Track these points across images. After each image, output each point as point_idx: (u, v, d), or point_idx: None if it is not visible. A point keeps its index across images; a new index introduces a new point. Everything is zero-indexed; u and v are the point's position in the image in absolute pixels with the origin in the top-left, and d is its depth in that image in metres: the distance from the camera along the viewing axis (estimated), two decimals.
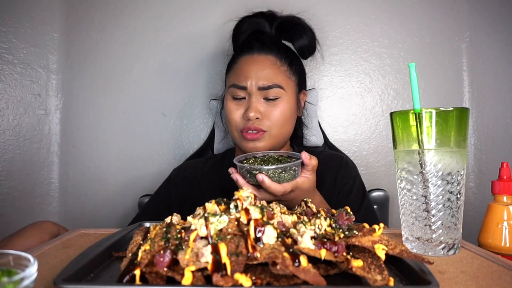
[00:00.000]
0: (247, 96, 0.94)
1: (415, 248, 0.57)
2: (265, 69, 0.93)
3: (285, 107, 0.94)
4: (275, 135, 0.94)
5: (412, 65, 0.58)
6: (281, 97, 0.93)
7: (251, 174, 0.72)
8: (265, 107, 0.93)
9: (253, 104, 0.92)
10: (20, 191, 1.30)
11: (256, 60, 0.95)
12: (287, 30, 1.06)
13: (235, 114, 0.95)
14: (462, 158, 0.56)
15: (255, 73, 0.93)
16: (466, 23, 1.38)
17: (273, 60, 0.95)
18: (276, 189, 0.71)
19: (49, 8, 1.35)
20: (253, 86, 0.92)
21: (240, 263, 0.40)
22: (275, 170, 0.71)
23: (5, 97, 1.28)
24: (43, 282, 0.44)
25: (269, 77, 0.93)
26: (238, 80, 0.94)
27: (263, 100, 0.93)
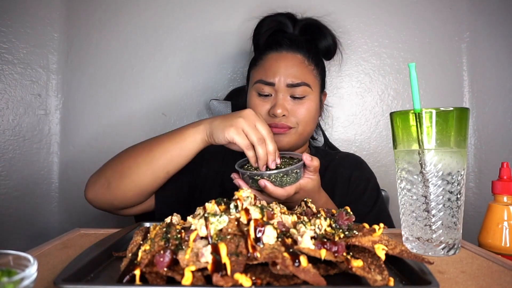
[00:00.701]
0: (274, 92, 0.93)
1: (415, 248, 0.57)
2: (294, 67, 0.93)
3: (311, 105, 0.94)
4: (300, 133, 0.94)
5: (412, 65, 0.58)
6: (307, 95, 0.93)
7: (253, 179, 0.72)
8: (292, 105, 0.93)
9: (280, 101, 0.91)
10: (20, 191, 1.30)
11: (285, 57, 0.94)
12: (310, 31, 1.06)
13: (260, 110, 0.94)
14: (462, 158, 0.56)
15: (284, 70, 0.92)
16: (466, 23, 1.38)
17: (301, 59, 0.95)
18: (279, 193, 0.71)
19: (49, 8, 1.35)
20: (281, 83, 0.92)
21: (240, 263, 0.40)
22: (277, 174, 0.71)
23: (5, 97, 1.28)
24: (43, 282, 0.44)
25: (298, 75, 0.92)
26: (266, 76, 0.93)
27: (289, 98, 0.93)
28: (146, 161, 0.80)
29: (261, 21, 1.08)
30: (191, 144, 0.79)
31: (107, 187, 0.81)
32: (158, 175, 0.80)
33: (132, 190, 0.81)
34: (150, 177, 0.80)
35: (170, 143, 0.80)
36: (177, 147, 0.79)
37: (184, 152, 0.79)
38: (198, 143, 0.78)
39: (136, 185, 0.80)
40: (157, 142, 0.82)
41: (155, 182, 0.81)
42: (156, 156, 0.80)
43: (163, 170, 0.80)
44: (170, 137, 0.81)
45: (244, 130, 0.73)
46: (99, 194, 0.82)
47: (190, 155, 0.80)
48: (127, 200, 0.83)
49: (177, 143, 0.80)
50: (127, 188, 0.80)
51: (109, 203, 0.83)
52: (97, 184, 0.83)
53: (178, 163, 0.80)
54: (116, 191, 0.81)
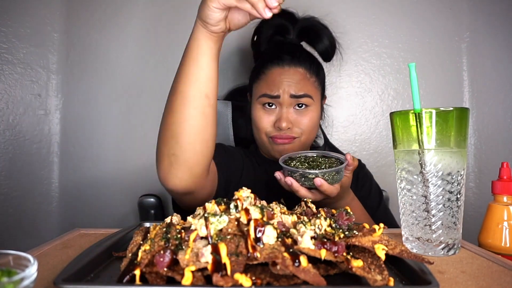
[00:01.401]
0: (278, 105, 0.97)
1: (415, 248, 0.57)
2: (297, 81, 0.96)
3: (313, 115, 0.98)
4: (304, 141, 0.99)
5: (412, 65, 0.58)
6: (310, 106, 0.97)
7: (306, 178, 0.75)
8: (295, 116, 0.97)
9: (284, 114, 0.95)
10: (20, 191, 1.30)
11: (287, 72, 0.97)
12: (308, 33, 1.08)
13: (265, 121, 0.97)
14: (462, 158, 0.56)
15: (288, 84, 0.95)
16: (466, 23, 1.38)
17: (303, 73, 0.98)
18: (333, 191, 0.75)
19: (49, 8, 1.35)
20: (286, 94, 0.95)
21: (240, 263, 0.40)
22: (330, 172, 0.75)
23: (5, 97, 1.28)
24: (43, 282, 0.44)
25: (301, 87, 0.96)
26: (270, 90, 0.96)
27: (293, 110, 0.97)
28: (183, 103, 0.71)
29: (260, 24, 1.10)
30: (195, 45, 0.70)
31: (174, 160, 0.71)
32: (201, 104, 0.70)
33: (195, 141, 0.71)
34: (197, 114, 0.70)
35: (184, 64, 0.72)
36: (190, 60, 0.71)
37: (198, 61, 0.70)
38: (200, 39, 0.70)
39: (195, 133, 0.71)
40: (178, 76, 0.74)
41: (205, 115, 0.71)
42: (184, 88, 0.71)
43: (200, 96, 0.70)
44: (181, 61, 0.73)
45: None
46: (176, 174, 0.72)
47: (205, 60, 0.70)
48: (200, 157, 0.72)
49: (188, 58, 0.71)
50: (190, 143, 0.71)
51: (190, 174, 0.73)
52: (166, 168, 0.72)
53: (204, 78, 0.70)
54: (184, 155, 0.71)
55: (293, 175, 0.76)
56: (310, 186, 0.75)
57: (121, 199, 1.36)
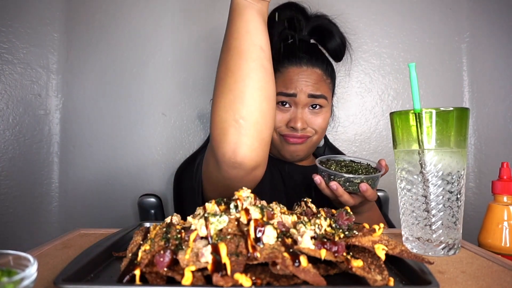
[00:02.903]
0: (294, 104, 0.95)
1: (415, 248, 0.57)
2: (314, 81, 0.95)
3: (327, 116, 0.98)
4: (315, 142, 0.99)
5: (412, 65, 0.58)
6: (324, 107, 0.97)
7: (350, 182, 0.76)
8: (309, 117, 0.96)
9: (299, 114, 0.94)
10: (20, 191, 1.30)
11: (305, 72, 0.96)
12: (320, 31, 1.06)
13: (278, 120, 0.95)
14: (462, 158, 0.56)
15: (306, 83, 0.95)
16: (466, 23, 1.38)
17: (320, 73, 0.97)
18: (375, 197, 0.77)
19: (49, 8, 1.35)
20: (303, 94, 0.94)
21: (240, 263, 0.40)
22: (373, 178, 0.77)
23: (5, 97, 1.28)
24: (43, 282, 0.44)
25: (317, 87, 0.95)
26: (286, 88, 0.94)
27: (307, 110, 0.96)
28: (238, 56, 0.66)
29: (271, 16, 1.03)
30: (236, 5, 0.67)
31: (243, 125, 0.64)
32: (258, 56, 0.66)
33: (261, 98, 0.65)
34: (257, 67, 0.65)
35: (229, 22, 0.68)
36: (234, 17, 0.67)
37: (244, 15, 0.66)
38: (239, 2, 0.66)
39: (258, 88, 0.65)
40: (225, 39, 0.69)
41: (264, 69, 0.66)
42: (237, 43, 0.66)
43: (254, 47, 0.66)
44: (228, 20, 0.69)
45: None
46: (244, 141, 0.65)
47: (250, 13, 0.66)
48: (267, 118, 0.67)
49: (231, 16, 0.67)
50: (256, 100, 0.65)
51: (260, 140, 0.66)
52: (232, 136, 0.65)
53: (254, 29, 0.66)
54: (252, 117, 0.65)
55: (336, 180, 0.77)
56: (353, 191, 0.77)
57: (121, 199, 1.36)
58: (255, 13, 0.67)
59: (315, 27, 1.06)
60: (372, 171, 0.81)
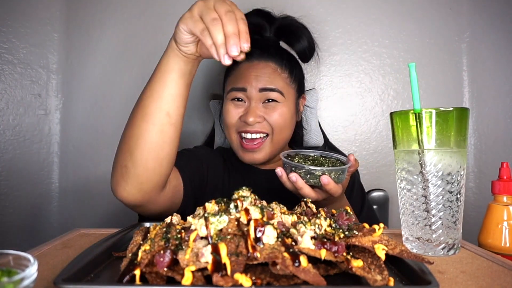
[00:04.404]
0: (247, 100, 0.93)
1: (415, 248, 0.57)
2: (266, 75, 0.93)
3: (284, 111, 0.93)
4: (275, 141, 0.94)
5: (412, 65, 0.58)
6: (280, 102, 0.93)
7: (311, 175, 0.71)
8: (264, 111, 0.92)
9: (252, 108, 0.91)
10: (20, 191, 1.30)
11: (256, 67, 0.94)
12: (285, 33, 1.05)
13: (233, 116, 0.93)
14: (462, 158, 0.56)
15: (256, 77, 0.92)
16: (466, 23, 1.38)
17: (274, 67, 0.95)
18: (337, 191, 0.72)
19: (49, 8, 1.35)
20: (253, 88, 0.92)
21: (240, 263, 0.40)
22: (337, 171, 0.72)
23: (5, 97, 1.28)
24: (43, 282, 0.44)
25: (271, 81, 0.93)
26: (238, 83, 0.93)
27: (261, 105, 0.93)
28: (141, 117, 0.70)
29: None
30: (165, 62, 0.69)
31: (126, 173, 0.70)
32: (160, 122, 0.68)
33: (148, 158, 0.69)
34: (154, 131, 0.69)
35: (151, 80, 0.71)
36: (157, 76, 0.70)
37: (164, 77, 0.69)
38: (170, 56, 0.69)
39: (148, 150, 0.69)
40: (143, 90, 0.73)
41: (163, 133, 0.69)
42: (146, 102, 0.70)
43: (160, 113, 0.68)
44: (152, 74, 0.72)
45: (199, 14, 0.61)
46: (124, 187, 0.71)
47: (172, 77, 0.69)
48: (152, 174, 0.70)
49: (155, 74, 0.70)
50: (142, 158, 0.69)
51: (139, 189, 0.71)
52: (117, 179, 0.72)
53: (168, 95, 0.69)
54: (134, 169, 0.69)
55: (297, 172, 0.72)
56: (314, 184, 0.72)
57: None
58: (177, 77, 0.69)
59: (280, 28, 1.05)
60: (339, 165, 0.75)
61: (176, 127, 0.71)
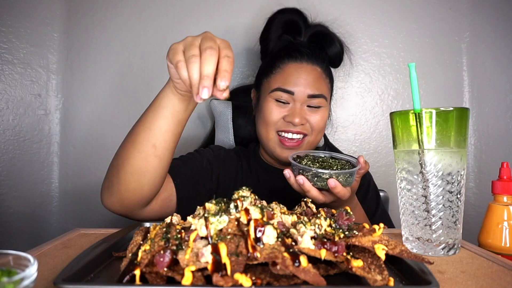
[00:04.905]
0: (292, 101, 0.94)
1: (415, 248, 0.57)
2: (315, 79, 0.94)
3: (325, 115, 0.97)
4: (311, 142, 0.97)
5: (412, 65, 0.58)
6: (323, 106, 0.95)
7: (318, 177, 0.71)
8: (308, 114, 0.94)
9: (298, 110, 0.92)
10: (20, 191, 1.30)
11: (306, 69, 0.95)
12: (319, 38, 1.06)
13: (276, 114, 0.94)
14: (462, 158, 0.56)
15: (305, 81, 0.93)
16: (466, 23, 1.38)
17: (320, 72, 0.96)
18: (345, 194, 0.72)
19: (49, 8, 1.35)
20: (302, 93, 0.93)
21: (240, 263, 0.40)
22: (345, 174, 0.71)
23: (5, 97, 1.28)
24: (43, 282, 0.44)
25: (318, 87, 0.94)
26: (286, 85, 0.93)
27: (306, 108, 0.94)
28: (131, 143, 0.73)
29: (270, 19, 1.07)
30: (160, 96, 0.71)
31: (111, 186, 0.74)
32: (145, 151, 0.71)
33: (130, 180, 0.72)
34: (139, 158, 0.71)
35: (146, 109, 0.73)
36: (151, 108, 0.72)
37: (156, 112, 0.70)
38: (165, 92, 0.70)
39: (131, 173, 0.72)
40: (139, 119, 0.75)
41: (147, 162, 0.71)
42: (137, 130, 0.73)
43: (147, 144, 0.71)
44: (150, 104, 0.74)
45: (183, 47, 0.62)
46: (109, 197, 0.75)
47: (163, 114, 0.70)
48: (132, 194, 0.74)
49: (151, 105, 0.72)
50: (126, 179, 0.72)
51: (121, 204, 0.75)
52: (105, 188, 0.76)
53: (156, 129, 0.71)
54: (118, 187, 0.73)
55: (304, 174, 0.72)
56: (322, 187, 0.71)
57: None
58: (168, 115, 0.71)
59: (314, 33, 1.06)
60: (348, 167, 0.74)
61: (161, 159, 0.73)
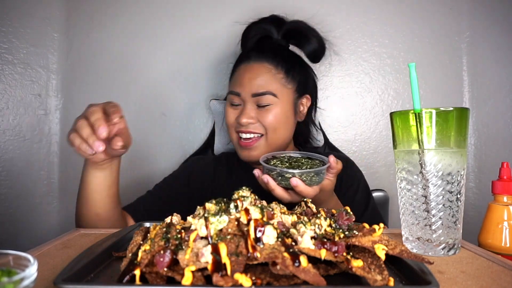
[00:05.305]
0: (242, 102, 0.98)
1: (415, 248, 0.57)
2: (259, 77, 0.96)
3: (278, 112, 0.96)
4: (270, 141, 0.97)
5: (412, 65, 0.58)
6: (273, 104, 0.95)
7: (282, 177, 0.72)
8: (257, 113, 0.96)
9: (245, 110, 0.96)
10: (20, 191, 1.30)
11: (251, 68, 0.97)
12: (294, 36, 1.08)
13: (231, 118, 0.99)
14: (462, 158, 0.56)
15: (249, 80, 0.96)
16: (466, 23, 1.37)
17: (268, 68, 0.97)
18: (309, 192, 0.72)
19: (49, 8, 1.35)
20: (246, 93, 0.96)
21: (240, 263, 0.40)
22: (308, 173, 0.71)
23: (5, 97, 1.28)
24: (43, 282, 0.44)
25: (263, 85, 0.95)
26: (234, 87, 0.99)
27: (255, 106, 0.96)
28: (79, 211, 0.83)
29: (246, 29, 1.12)
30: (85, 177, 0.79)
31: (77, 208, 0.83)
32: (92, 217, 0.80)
33: (86, 220, 0.81)
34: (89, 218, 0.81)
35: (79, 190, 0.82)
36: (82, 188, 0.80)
37: (88, 188, 0.79)
38: (87, 169, 0.78)
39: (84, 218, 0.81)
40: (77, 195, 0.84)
41: (98, 218, 0.81)
42: (79, 206, 0.82)
43: (91, 214, 0.80)
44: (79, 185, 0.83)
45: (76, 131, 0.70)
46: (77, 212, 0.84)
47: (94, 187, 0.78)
48: (92, 226, 0.82)
49: (81, 186, 0.81)
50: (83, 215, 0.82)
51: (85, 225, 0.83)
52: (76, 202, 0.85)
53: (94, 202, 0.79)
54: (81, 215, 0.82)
55: (270, 174, 0.73)
56: (286, 186, 0.72)
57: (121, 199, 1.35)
58: (97, 186, 0.79)
59: (288, 31, 1.07)
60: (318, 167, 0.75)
61: (108, 220, 0.81)
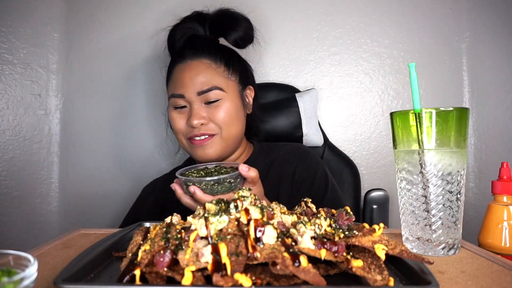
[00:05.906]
0: (188, 104, 0.92)
1: (415, 248, 0.57)
2: (201, 74, 0.91)
3: (228, 107, 0.92)
4: (225, 138, 0.92)
5: (412, 65, 0.58)
6: (222, 98, 0.91)
7: (186, 186, 0.73)
8: (208, 111, 0.91)
9: (194, 111, 0.90)
10: (20, 191, 1.30)
11: (190, 67, 0.93)
12: (219, 27, 1.02)
13: (179, 123, 0.93)
14: (462, 158, 0.56)
15: (191, 79, 0.91)
16: (466, 23, 1.37)
17: (207, 63, 0.93)
18: (207, 201, 0.69)
19: (49, 8, 1.35)
20: (191, 93, 0.91)
21: (240, 263, 0.40)
22: (208, 182, 0.71)
23: (5, 97, 1.28)
24: (43, 282, 0.44)
25: (206, 81, 0.91)
26: (176, 89, 0.93)
27: (204, 105, 0.91)
28: None
29: (170, 32, 1.05)
30: None
31: None
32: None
33: None
34: None
35: None
36: None
37: None
38: None
39: None
40: None
41: None
42: None
43: None
44: None
45: None
46: None
47: None
48: None
49: None
50: None
51: None
52: None
53: None
54: None
55: (180, 183, 0.75)
56: (190, 193, 0.73)
57: (121, 199, 1.36)
58: None
59: (212, 24, 1.02)
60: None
61: None
